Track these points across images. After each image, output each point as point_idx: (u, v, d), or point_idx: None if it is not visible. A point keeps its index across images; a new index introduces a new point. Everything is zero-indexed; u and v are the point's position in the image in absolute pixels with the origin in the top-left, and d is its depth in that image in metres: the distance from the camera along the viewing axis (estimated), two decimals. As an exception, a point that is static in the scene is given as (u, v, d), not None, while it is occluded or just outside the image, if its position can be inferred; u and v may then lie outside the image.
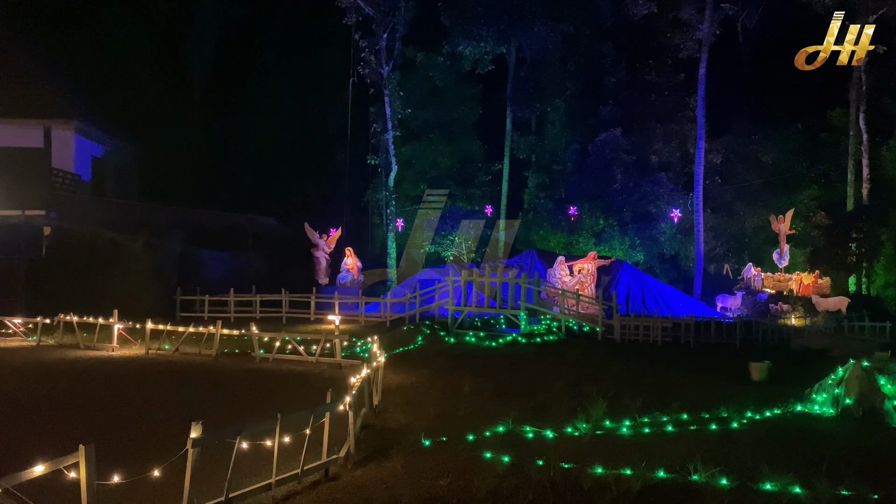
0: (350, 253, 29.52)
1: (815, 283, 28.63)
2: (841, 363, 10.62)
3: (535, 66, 36.66)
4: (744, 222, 35.25)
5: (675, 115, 35.88)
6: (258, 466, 6.81)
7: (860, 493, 6.44)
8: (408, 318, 23.17)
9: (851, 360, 10.13)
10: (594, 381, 12.56)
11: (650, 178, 35.48)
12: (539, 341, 19.63)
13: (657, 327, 20.14)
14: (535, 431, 8.98)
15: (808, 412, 10.24)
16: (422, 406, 10.95)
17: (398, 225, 35.72)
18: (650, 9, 34.05)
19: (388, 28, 33.15)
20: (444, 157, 37.87)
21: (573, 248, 34.91)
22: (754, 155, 35.48)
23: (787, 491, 6.51)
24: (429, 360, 15.80)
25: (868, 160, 31.58)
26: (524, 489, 6.62)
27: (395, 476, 7.22)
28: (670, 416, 9.84)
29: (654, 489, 6.65)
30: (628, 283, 29.47)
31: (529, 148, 38.41)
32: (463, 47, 35.07)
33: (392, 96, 34.07)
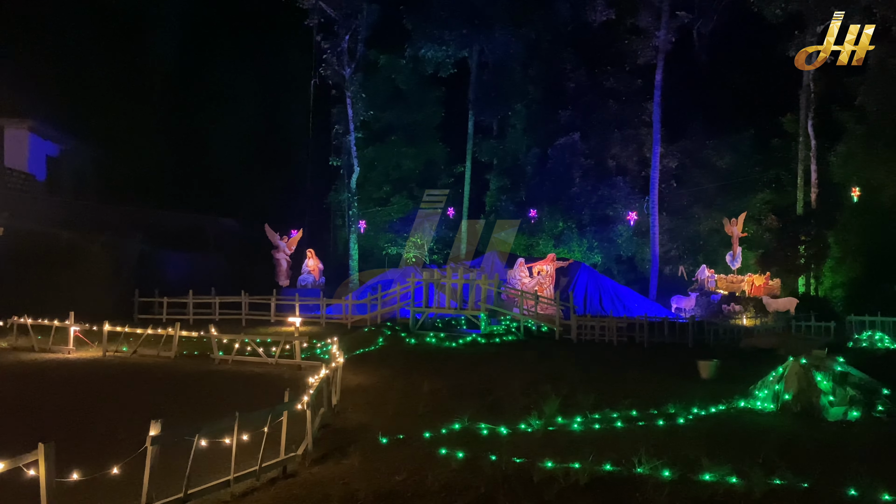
0: (311, 255, 29.52)
1: (765, 284, 29.54)
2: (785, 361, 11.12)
3: (496, 70, 37.08)
4: (698, 225, 36.15)
5: (633, 121, 36.69)
6: (217, 464, 6.93)
7: (791, 482, 6.83)
8: (369, 319, 23.31)
9: (791, 358, 10.62)
10: (549, 380, 12.88)
11: (608, 182, 36.22)
12: (498, 341, 19.99)
13: (612, 327, 20.65)
14: (490, 428, 9.24)
15: (751, 408, 10.70)
16: (381, 405, 11.14)
17: (360, 226, 35.80)
18: (609, 15, 34.76)
19: (350, 30, 33.27)
20: (406, 160, 38.06)
21: (533, 250, 35.44)
22: (709, 159, 36.43)
23: (725, 481, 6.87)
24: (389, 361, 16.00)
25: (816, 165, 32.68)
26: (476, 483, 6.88)
27: (353, 472, 7.42)
28: (620, 413, 10.20)
29: (601, 481, 6.96)
30: (586, 284, 30.04)
31: (491, 151, 38.83)
32: (425, 51, 35.33)
33: (354, 98, 34.17)
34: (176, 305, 24.02)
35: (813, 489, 6.69)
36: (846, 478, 6.84)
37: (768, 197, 35.96)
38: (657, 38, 33.48)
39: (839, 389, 9.94)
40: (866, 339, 19.11)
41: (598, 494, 6.62)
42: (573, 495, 6.57)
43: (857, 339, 19.61)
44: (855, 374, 10.34)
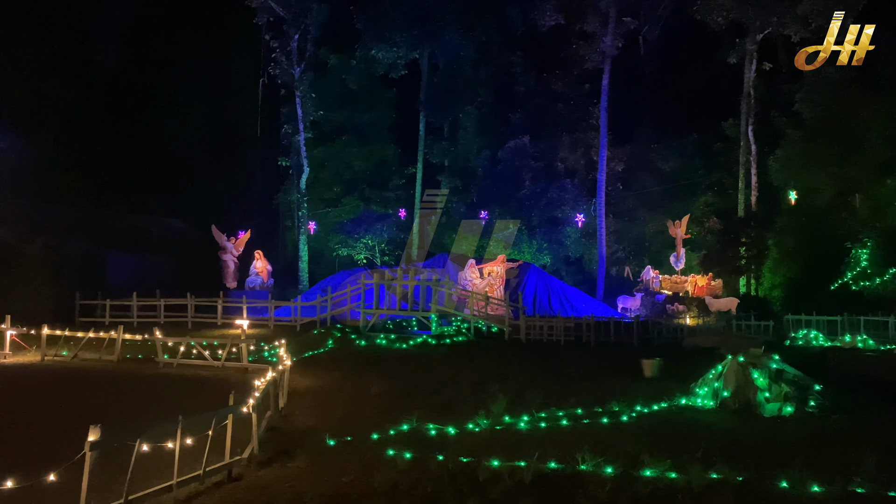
0: (259, 256, 29.16)
1: (708, 284, 30.38)
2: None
3: (448, 72, 37.24)
4: (644, 227, 36.96)
5: (581, 124, 37.30)
6: (161, 469, 6.83)
7: (728, 476, 7.07)
8: (319, 321, 23.14)
9: (729, 356, 10.98)
10: (498, 380, 13.00)
11: (557, 185, 36.73)
12: (448, 342, 20.08)
13: (560, 327, 20.97)
14: (438, 429, 9.31)
15: (692, 405, 11.02)
16: (329, 408, 11.11)
17: (310, 228, 35.48)
18: (558, 20, 35.24)
19: (299, 29, 32.97)
20: (357, 160, 37.86)
21: (484, 251, 35.66)
22: (654, 163, 37.28)
23: (665, 477, 7.07)
24: (338, 363, 15.94)
25: (756, 169, 33.75)
26: (423, 483, 6.94)
27: (299, 475, 7.40)
28: (566, 411, 10.39)
29: (545, 478, 7.09)
30: (535, 285, 30.41)
31: (443, 153, 38.94)
32: (376, 51, 35.24)
33: (304, 98, 33.87)
34: (120, 308, 23.45)
35: (748, 482, 6.94)
36: (779, 471, 7.11)
37: (711, 200, 36.99)
38: (604, 44, 34.12)
39: (774, 386, 10.31)
40: (802, 338, 19.82)
41: (542, 491, 6.75)
42: (518, 493, 6.69)
43: (793, 337, 20.32)
44: (789, 371, 10.74)
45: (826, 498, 6.51)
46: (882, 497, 6.50)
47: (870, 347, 17.45)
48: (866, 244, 30.13)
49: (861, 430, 9.16)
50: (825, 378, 11.58)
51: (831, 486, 6.67)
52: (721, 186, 37.18)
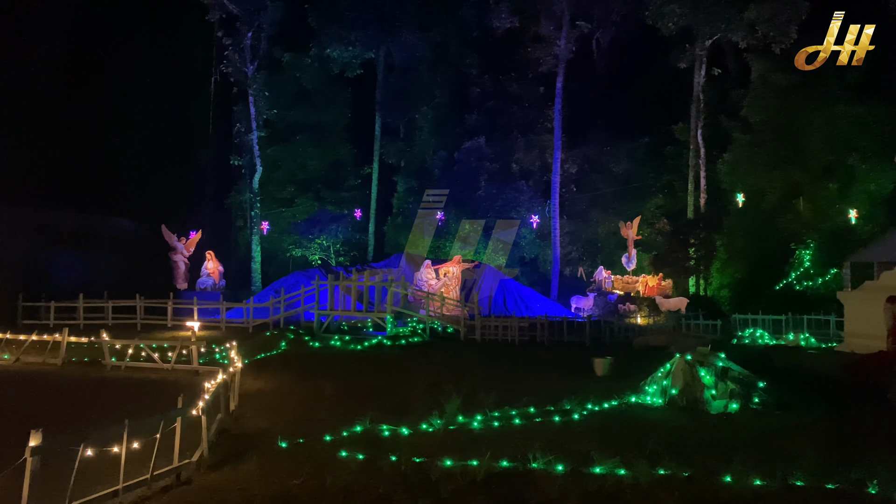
0: (211, 257, 28.68)
1: (658, 284, 31.00)
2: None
3: (404, 72, 37.19)
4: (597, 228, 37.50)
5: (535, 126, 37.63)
6: (107, 474, 6.67)
7: (674, 472, 7.24)
8: (272, 323, 22.87)
9: (678, 355, 11.23)
10: (453, 380, 13.02)
11: (512, 186, 36.98)
12: (404, 343, 20.05)
13: (515, 327, 21.13)
14: (391, 429, 9.30)
15: (641, 403, 11.23)
16: (281, 410, 11.00)
17: (263, 228, 35.01)
18: (512, 23, 35.51)
19: (253, 27, 32.50)
20: (312, 160, 37.53)
21: (440, 251, 35.74)
22: (607, 165, 37.86)
23: (614, 473, 7.21)
24: (292, 365, 15.79)
25: (705, 172, 34.58)
26: (375, 483, 6.93)
27: (250, 477, 7.32)
28: (519, 410, 10.48)
29: (497, 477, 7.15)
30: (491, 285, 30.61)
31: (399, 153, 38.88)
32: (331, 50, 35.03)
33: (257, 96, 33.40)
34: (65, 310, 22.81)
35: (693, 477, 7.11)
36: (723, 466, 7.30)
37: (661, 202, 37.75)
38: (558, 47, 34.51)
39: (720, 384, 10.58)
40: (748, 336, 20.37)
41: (494, 490, 6.81)
42: (469, 492, 6.73)
43: (740, 336, 20.87)
44: (735, 368, 11.03)
45: (767, 491, 6.71)
46: (820, 489, 6.73)
47: (812, 345, 18.05)
48: (809, 245, 31.15)
49: (801, 426, 9.46)
50: (769, 375, 11.91)
51: (772, 480, 6.88)
52: (671, 189, 37.97)
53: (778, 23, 30.95)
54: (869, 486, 6.64)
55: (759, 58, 33.49)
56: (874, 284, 15.80)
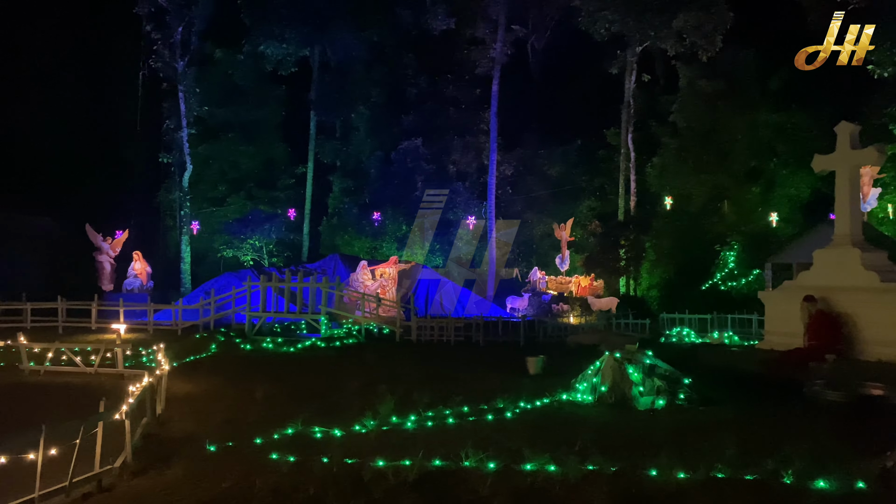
0: (138, 257, 27.77)
1: (590, 285, 31.67)
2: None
3: (340, 71, 36.91)
4: (532, 229, 38.07)
5: (472, 128, 37.94)
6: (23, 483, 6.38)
7: (602, 466, 7.38)
8: (202, 325, 22.34)
9: (607, 353, 11.48)
10: (388, 381, 12.97)
11: (449, 187, 37.14)
12: (338, 345, 19.89)
13: (451, 328, 21.22)
14: (324, 431, 9.20)
15: (572, 400, 11.43)
16: (211, 413, 10.74)
17: (193, 228, 34.14)
18: (449, 25, 35.67)
19: (183, 21, 31.66)
20: (245, 158, 36.85)
21: (377, 252, 35.61)
22: (541, 168, 38.50)
23: (544, 469, 7.30)
24: (222, 368, 15.45)
25: (635, 176, 35.54)
26: (306, 485, 6.85)
27: (176, 483, 7.12)
28: (453, 410, 10.52)
29: (429, 476, 7.16)
30: (427, 286, 30.67)
31: (334, 152, 38.55)
32: (265, 47, 34.45)
33: (188, 92, 32.57)
34: (-22, 313, 21.71)
35: (620, 472, 7.27)
36: (649, 460, 7.49)
37: (594, 204, 38.63)
38: (494, 50, 34.88)
39: (648, 381, 10.87)
40: (676, 335, 20.98)
41: (426, 489, 6.81)
42: (401, 492, 6.72)
43: (668, 334, 21.47)
44: (662, 366, 11.35)
45: (690, 483, 6.91)
46: (739, 480, 6.98)
47: (735, 343, 18.73)
48: (733, 247, 32.36)
49: (724, 420, 9.79)
50: (695, 372, 12.28)
51: (695, 472, 7.09)
52: (603, 191, 38.88)
53: (704, 31, 32.10)
54: (784, 475, 6.92)
55: (686, 65, 34.65)
56: (792, 284, 16.52)
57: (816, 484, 6.64)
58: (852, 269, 14.76)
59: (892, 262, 15.66)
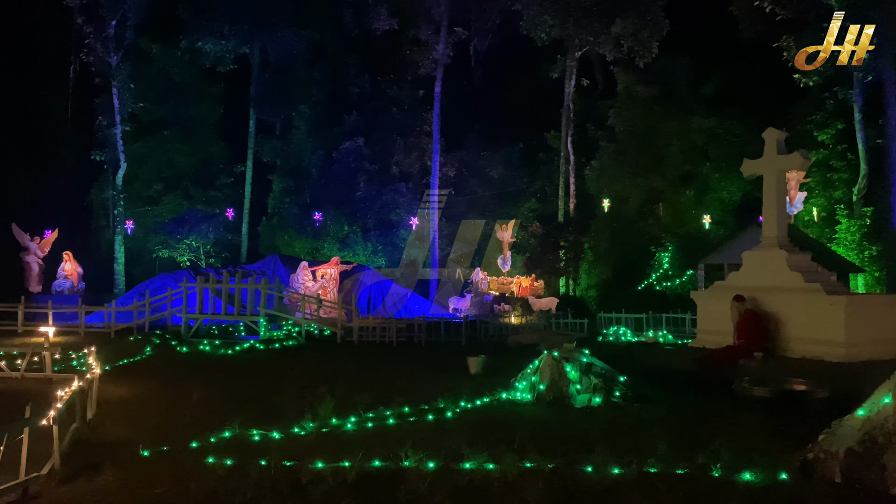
0: (69, 257, 26.83)
1: (531, 285, 32.11)
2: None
3: (280, 69, 36.41)
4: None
5: (415, 129, 37.98)
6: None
7: (539, 464, 7.52)
8: (136, 327, 21.73)
9: (545, 352, 11.69)
10: (328, 383, 12.91)
11: (391, 188, 37.10)
12: (278, 347, 19.64)
13: (393, 329, 21.21)
14: (262, 434, 9.09)
15: (512, 399, 11.59)
16: (144, 418, 10.48)
17: (128, 227, 33.15)
18: (392, 25, 35.63)
19: (117, 15, 30.72)
20: (182, 157, 35.98)
21: (318, 253, 35.26)
22: (483, 169, 38.84)
23: (483, 468, 7.40)
24: (157, 371, 15.09)
25: (574, 178, 36.23)
26: (243, 489, 6.77)
27: (107, 489, 6.94)
28: (393, 411, 10.53)
29: (369, 477, 7.17)
30: (370, 287, 30.54)
31: (274, 151, 37.99)
32: (203, 43, 33.70)
33: (121, 88, 31.62)
34: None
35: (557, 469, 7.42)
36: (585, 456, 7.67)
37: (534, 206, 39.21)
38: (437, 52, 35.02)
39: (584, 379, 11.11)
40: (612, 334, 21.46)
41: (365, 489, 6.82)
42: (340, 493, 6.71)
43: (605, 333, 21.95)
44: (598, 364, 11.62)
45: (624, 479, 7.11)
46: (670, 475, 7.21)
47: (669, 342, 19.26)
48: (668, 248, 33.31)
49: (657, 417, 10.09)
50: (630, 370, 12.62)
51: (629, 468, 7.29)
52: (544, 193, 39.49)
53: (641, 38, 32.97)
54: (713, 469, 7.18)
55: (624, 71, 35.50)
56: (723, 284, 17.11)
57: (743, 476, 6.92)
58: (779, 269, 15.37)
59: (816, 263, 16.39)
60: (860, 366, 12.63)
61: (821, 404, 9.88)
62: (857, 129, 29.68)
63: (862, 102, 29.61)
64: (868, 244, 29.10)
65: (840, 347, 13.58)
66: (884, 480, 6.51)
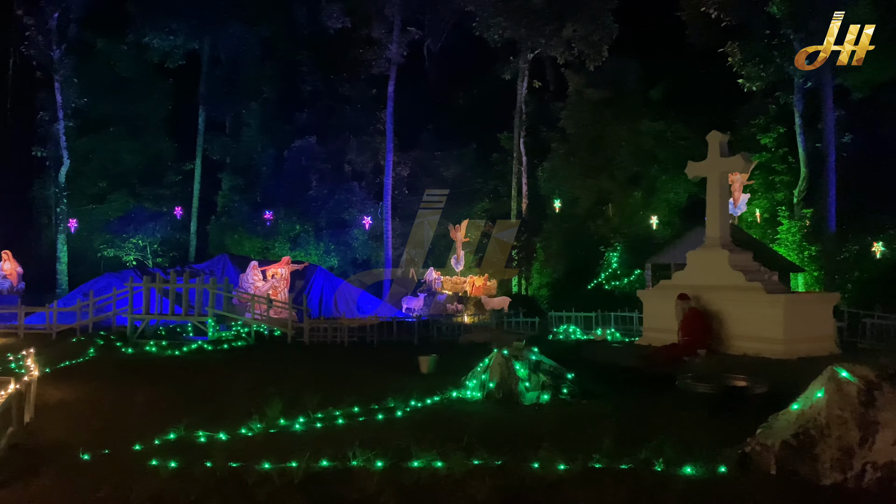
0: (7, 257, 25.98)
1: (484, 284, 32.30)
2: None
3: (230, 66, 35.90)
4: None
5: (368, 128, 37.83)
6: None
7: (487, 461, 7.59)
8: (79, 328, 21.14)
9: (495, 350, 11.79)
10: (277, 384, 12.79)
11: (344, 187, 36.89)
12: (227, 347, 19.36)
13: (345, 329, 21.09)
14: (208, 435, 8.96)
15: (462, 397, 11.65)
16: (86, 421, 10.22)
17: (71, 226, 32.22)
18: (344, 23, 35.40)
19: (59, 7, 29.81)
20: (128, 154, 35.19)
21: (269, 252, 34.85)
22: (437, 169, 38.89)
23: (431, 466, 7.43)
24: (101, 373, 14.71)
25: (527, 179, 36.61)
26: (188, 491, 6.67)
27: (45, 494, 6.75)
28: (343, 410, 10.49)
29: (316, 477, 7.14)
30: (321, 287, 30.29)
31: (224, 149, 37.43)
32: (150, 38, 32.97)
33: (65, 83, 30.73)
34: None
35: (504, 466, 7.51)
36: (532, 453, 7.76)
37: (488, 206, 39.47)
38: (390, 51, 34.93)
39: (533, 376, 11.24)
40: (563, 332, 21.74)
41: (312, 490, 6.79)
42: (286, 493, 6.67)
43: (555, 332, 22.22)
44: (547, 362, 11.78)
45: (570, 474, 7.23)
46: (615, 470, 7.36)
47: (617, 339, 19.63)
48: (617, 248, 33.91)
49: (603, 413, 10.27)
50: (578, 367, 12.81)
51: (574, 464, 7.42)
52: (497, 193, 39.79)
53: (591, 41, 33.50)
54: (655, 464, 7.35)
55: (575, 73, 36.00)
56: (668, 283, 17.50)
57: (684, 470, 7.11)
58: (721, 269, 15.80)
59: (758, 262, 16.90)
60: (798, 362, 13.09)
61: (760, 399, 10.22)
62: (798, 133, 30.69)
63: (802, 107, 30.64)
64: (807, 245, 30.11)
65: (779, 344, 14.04)
66: (816, 471, 6.76)
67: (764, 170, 32.37)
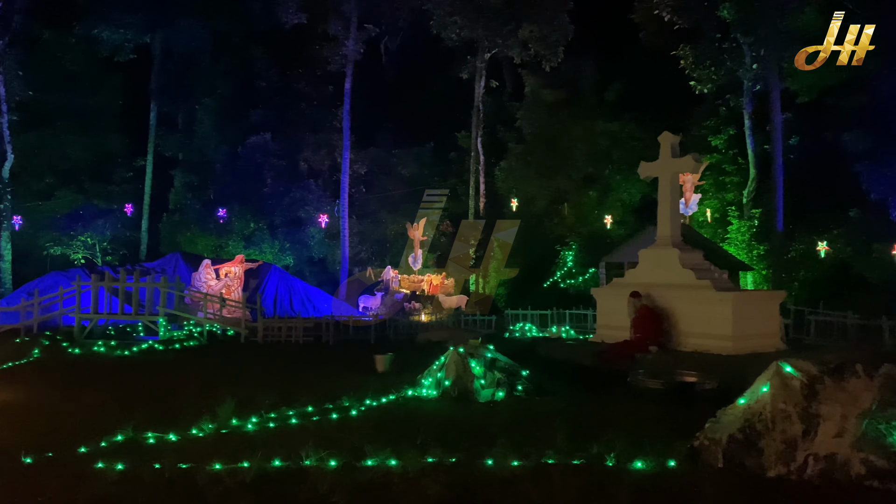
0: (-52, 254, 25.02)
1: (442, 283, 32.34)
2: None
3: (183, 60, 35.22)
4: (385, 229, 38.29)
5: (325, 125, 37.52)
6: None
7: (442, 459, 7.60)
8: (23, 328, 20.49)
9: (451, 348, 11.82)
10: (229, 384, 12.61)
11: (300, 184, 36.52)
12: (178, 347, 19.01)
13: (300, 328, 20.90)
14: (157, 437, 8.78)
15: (418, 395, 11.65)
16: (30, 423, 9.92)
17: (15, 223, 31.23)
18: (300, 19, 35.02)
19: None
20: (77, 149, 34.24)
21: (223, 251, 34.31)
22: (395, 168, 38.82)
23: (385, 465, 7.42)
24: (46, 374, 14.30)
25: (484, 178, 36.79)
26: (135, 493, 6.53)
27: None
28: (297, 410, 10.39)
29: (268, 477, 7.06)
30: (276, 286, 29.92)
31: (177, 145, 36.74)
32: (99, 31, 32.14)
33: (9, 76, 29.79)
34: None
35: (459, 463, 7.54)
36: (486, 450, 7.80)
37: (445, 205, 39.45)
38: (346, 48, 34.68)
39: (489, 374, 11.31)
40: (519, 330, 21.94)
41: (264, 490, 6.72)
42: (238, 494, 6.58)
43: (512, 329, 22.40)
44: (502, 359, 11.86)
45: (523, 470, 7.30)
46: (567, 465, 7.45)
47: (571, 337, 19.89)
48: (572, 247, 34.34)
49: (557, 409, 10.38)
50: (533, 365, 12.92)
51: (528, 460, 7.49)
52: (455, 192, 39.87)
53: (548, 42, 33.83)
54: (607, 459, 7.46)
55: (532, 74, 36.33)
56: (621, 281, 17.78)
57: (634, 465, 7.23)
58: (672, 267, 16.11)
59: (708, 261, 17.27)
60: (746, 358, 13.41)
61: (709, 395, 10.43)
62: (747, 135, 31.49)
63: (751, 110, 31.44)
64: (756, 244, 30.91)
65: (728, 341, 14.38)
66: (761, 464, 6.95)
67: (715, 170, 33.11)
